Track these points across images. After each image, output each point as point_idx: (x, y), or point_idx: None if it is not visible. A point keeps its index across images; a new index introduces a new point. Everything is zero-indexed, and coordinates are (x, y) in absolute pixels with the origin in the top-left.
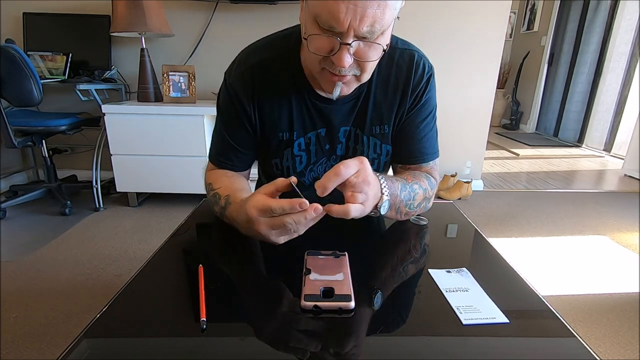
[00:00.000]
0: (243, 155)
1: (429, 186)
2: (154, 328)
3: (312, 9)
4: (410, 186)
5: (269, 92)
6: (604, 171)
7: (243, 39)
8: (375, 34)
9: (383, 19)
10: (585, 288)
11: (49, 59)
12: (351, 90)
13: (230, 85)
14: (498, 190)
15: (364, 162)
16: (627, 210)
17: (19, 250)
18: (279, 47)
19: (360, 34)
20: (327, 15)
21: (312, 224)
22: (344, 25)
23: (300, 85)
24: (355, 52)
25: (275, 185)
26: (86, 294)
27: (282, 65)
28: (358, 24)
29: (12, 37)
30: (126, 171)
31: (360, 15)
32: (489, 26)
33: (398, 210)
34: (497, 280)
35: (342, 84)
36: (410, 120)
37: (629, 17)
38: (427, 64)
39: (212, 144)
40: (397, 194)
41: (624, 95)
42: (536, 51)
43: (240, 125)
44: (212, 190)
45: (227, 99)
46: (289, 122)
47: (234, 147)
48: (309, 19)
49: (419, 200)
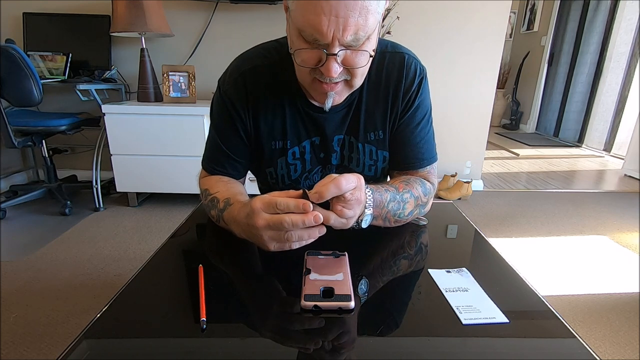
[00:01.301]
0: (237, 163)
1: (422, 193)
2: (154, 328)
3: (295, 23)
4: (400, 195)
5: (262, 100)
6: (604, 171)
7: (243, 39)
8: (361, 40)
9: (366, 26)
10: (585, 288)
11: (49, 59)
12: (343, 99)
13: (224, 93)
14: (498, 190)
15: (361, 181)
16: (627, 210)
17: (19, 250)
18: (272, 55)
19: (345, 43)
20: (310, 29)
21: (307, 238)
22: (327, 37)
23: (294, 94)
24: (343, 61)
25: (287, 193)
26: (86, 294)
27: (276, 74)
28: (342, 35)
29: (12, 37)
30: (126, 171)
31: (342, 25)
32: (489, 26)
33: (385, 219)
34: (497, 280)
35: (334, 93)
36: (405, 125)
37: (629, 17)
38: (419, 66)
39: (206, 151)
40: (384, 206)
41: (624, 95)
42: (536, 51)
43: (234, 133)
44: (209, 196)
45: (221, 107)
46: (282, 131)
47: (227, 155)
48: (294, 33)
49: (410, 208)
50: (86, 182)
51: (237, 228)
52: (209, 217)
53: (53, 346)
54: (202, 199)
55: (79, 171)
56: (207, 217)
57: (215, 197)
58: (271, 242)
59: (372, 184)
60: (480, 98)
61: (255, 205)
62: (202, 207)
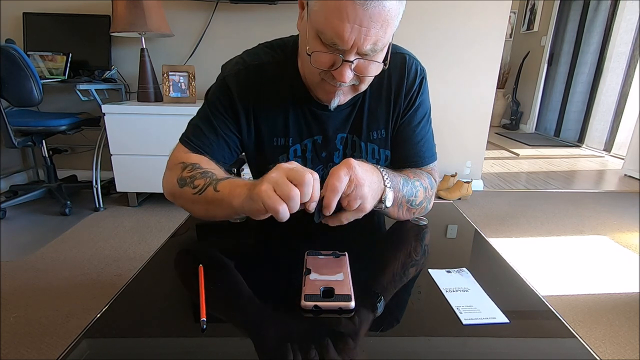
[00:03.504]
0: (223, 145)
1: (429, 185)
2: (154, 328)
3: (315, 24)
4: (412, 182)
5: (265, 96)
6: (604, 171)
7: (243, 39)
8: (377, 51)
9: (385, 38)
10: (585, 288)
11: (49, 59)
12: (348, 99)
13: (224, 78)
14: (498, 190)
15: (352, 166)
16: (627, 210)
17: (19, 250)
18: (278, 54)
19: (362, 52)
20: (332, 33)
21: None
22: (347, 44)
23: (298, 93)
24: (355, 68)
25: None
26: (86, 294)
27: (280, 72)
28: (362, 44)
29: (12, 37)
30: (126, 171)
31: (364, 35)
32: (489, 26)
33: (400, 206)
34: (497, 280)
35: (341, 94)
36: (406, 125)
37: (629, 17)
38: (419, 66)
39: (191, 127)
40: (400, 189)
41: (624, 95)
42: (536, 51)
43: (226, 118)
44: (199, 169)
45: (219, 90)
46: (285, 128)
47: (217, 134)
48: (311, 33)
49: (421, 197)
50: (86, 182)
51: (236, 191)
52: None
53: (53, 346)
54: (178, 171)
55: (79, 171)
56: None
57: (210, 172)
58: (270, 190)
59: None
60: (480, 98)
61: (282, 166)
62: None
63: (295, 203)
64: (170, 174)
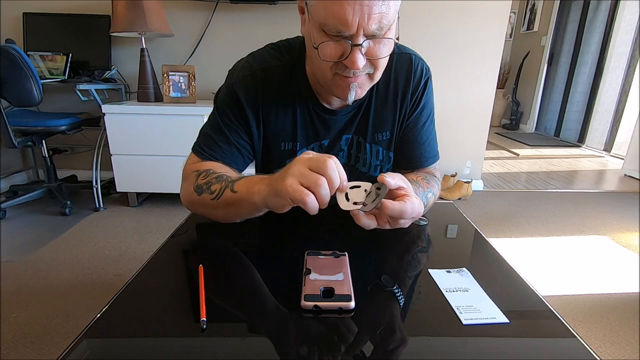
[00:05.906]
0: (235, 152)
1: (438, 190)
2: (154, 328)
3: (316, 19)
4: (426, 195)
5: (272, 101)
6: (604, 171)
7: (243, 39)
8: (384, 29)
9: (389, 13)
10: (585, 288)
11: (49, 59)
12: (365, 92)
13: (232, 85)
14: (498, 190)
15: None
16: (627, 210)
17: (19, 250)
18: (285, 57)
19: (369, 32)
20: (334, 21)
21: (323, 196)
22: (352, 27)
23: (306, 97)
24: (367, 52)
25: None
26: (86, 294)
27: (288, 76)
28: (367, 23)
29: (12, 37)
30: (126, 171)
31: (367, 14)
32: (488, 26)
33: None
34: (497, 280)
35: (357, 85)
36: (412, 125)
37: (629, 17)
38: (425, 66)
39: (202, 136)
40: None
41: (624, 95)
42: (536, 51)
43: (237, 126)
44: (213, 174)
45: (227, 98)
46: (293, 132)
47: (229, 141)
48: (315, 30)
49: (430, 205)
50: (86, 182)
51: (254, 188)
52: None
53: (53, 346)
54: (193, 179)
55: (79, 171)
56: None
57: (224, 175)
58: (296, 183)
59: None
60: (480, 98)
61: (311, 154)
62: None
63: (324, 190)
64: (186, 185)
